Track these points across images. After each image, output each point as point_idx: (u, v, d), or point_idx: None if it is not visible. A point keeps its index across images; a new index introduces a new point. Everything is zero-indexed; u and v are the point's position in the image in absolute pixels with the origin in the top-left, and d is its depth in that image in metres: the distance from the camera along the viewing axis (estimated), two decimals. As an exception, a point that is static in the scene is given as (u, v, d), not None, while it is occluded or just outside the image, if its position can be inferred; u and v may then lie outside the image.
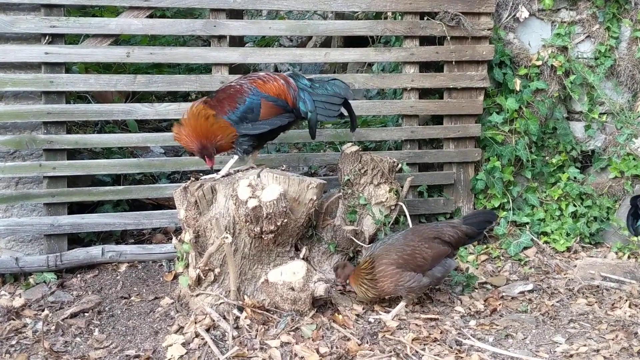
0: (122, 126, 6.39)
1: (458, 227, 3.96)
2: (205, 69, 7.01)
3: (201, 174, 3.99)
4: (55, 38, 4.34)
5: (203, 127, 3.73)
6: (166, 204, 5.28)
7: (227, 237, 3.57)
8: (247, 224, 3.61)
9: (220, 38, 4.56)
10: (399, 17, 5.01)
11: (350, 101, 4.07)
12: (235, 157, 3.91)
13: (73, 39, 5.11)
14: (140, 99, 6.62)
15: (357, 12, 5.38)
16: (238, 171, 3.95)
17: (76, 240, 4.64)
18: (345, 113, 4.10)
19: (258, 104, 3.81)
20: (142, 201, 5.12)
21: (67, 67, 4.52)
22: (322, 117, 3.93)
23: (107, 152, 5.38)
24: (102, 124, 5.89)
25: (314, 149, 5.83)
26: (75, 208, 4.71)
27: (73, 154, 4.68)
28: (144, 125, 6.83)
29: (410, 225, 4.36)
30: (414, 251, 3.81)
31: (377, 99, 7.03)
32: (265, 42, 9.02)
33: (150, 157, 5.48)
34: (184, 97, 6.65)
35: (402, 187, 4.46)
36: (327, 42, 8.50)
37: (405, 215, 4.40)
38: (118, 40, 4.64)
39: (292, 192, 3.76)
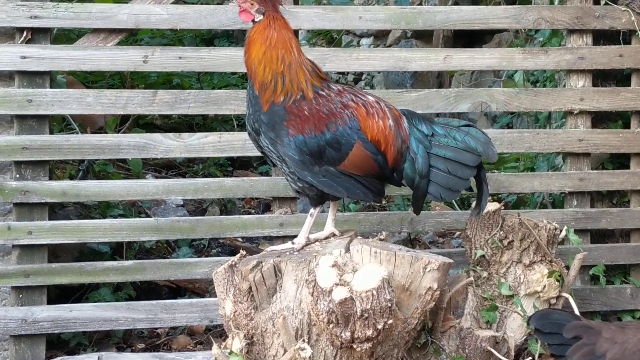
0: (117, 163, 6.53)
1: None
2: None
3: (245, 241, 3.97)
4: (37, 34, 4.44)
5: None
6: (190, 287, 5.32)
7: (303, 349, 3.53)
8: (331, 326, 3.55)
9: (285, 33, 4.63)
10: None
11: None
12: (314, 211, 3.89)
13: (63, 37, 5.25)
14: (137, 123, 6.69)
15: (494, -8, 5.42)
16: (316, 241, 3.94)
17: (56, 343, 4.63)
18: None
19: (350, 145, 3.77)
20: (154, 284, 5.14)
21: (52, 78, 4.61)
22: (438, 190, 3.82)
23: (103, 207, 5.47)
24: (90, 163, 6.02)
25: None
26: (54, 294, 4.73)
27: (53, 209, 4.72)
28: (146, 162, 6.96)
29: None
30: None
31: (500, 121, 6.92)
32: (322, 33, 9.18)
33: (172, 217, 5.52)
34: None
35: (567, 268, 4.38)
36: (420, 38, 8.56)
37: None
38: (131, 37, 4.75)
39: (400, 276, 3.70)
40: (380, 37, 9.49)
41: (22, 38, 4.42)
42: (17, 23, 4.40)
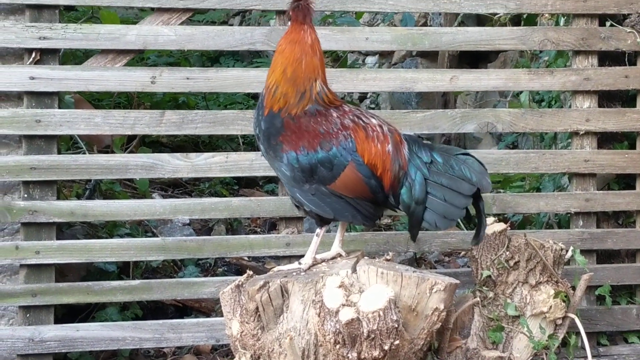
0: (124, 182, 6.56)
1: None
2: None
3: (251, 260, 3.98)
4: (46, 55, 4.47)
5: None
6: (196, 306, 5.33)
7: (310, 370, 3.53)
8: (337, 346, 3.54)
9: (292, 54, 4.65)
10: (565, 20, 5.03)
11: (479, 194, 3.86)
12: (320, 231, 3.89)
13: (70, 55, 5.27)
14: (144, 142, 6.74)
15: (499, 14, 5.41)
16: (323, 261, 3.94)
17: (61, 363, 4.66)
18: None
19: (342, 165, 3.76)
20: (161, 303, 5.15)
21: (60, 98, 4.63)
22: (433, 217, 3.78)
23: (110, 226, 5.48)
24: (97, 182, 6.06)
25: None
26: (60, 313, 4.73)
27: (61, 229, 4.75)
28: (153, 180, 6.99)
29: (588, 350, 4.27)
30: None
31: (506, 139, 6.93)
32: (327, 52, 9.24)
33: (178, 235, 5.55)
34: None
35: (573, 288, 4.37)
36: (425, 56, 8.60)
37: (578, 334, 4.33)
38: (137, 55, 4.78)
39: (407, 297, 3.70)
40: (385, 55, 9.52)
41: (31, 59, 4.45)
42: (26, 44, 4.42)
